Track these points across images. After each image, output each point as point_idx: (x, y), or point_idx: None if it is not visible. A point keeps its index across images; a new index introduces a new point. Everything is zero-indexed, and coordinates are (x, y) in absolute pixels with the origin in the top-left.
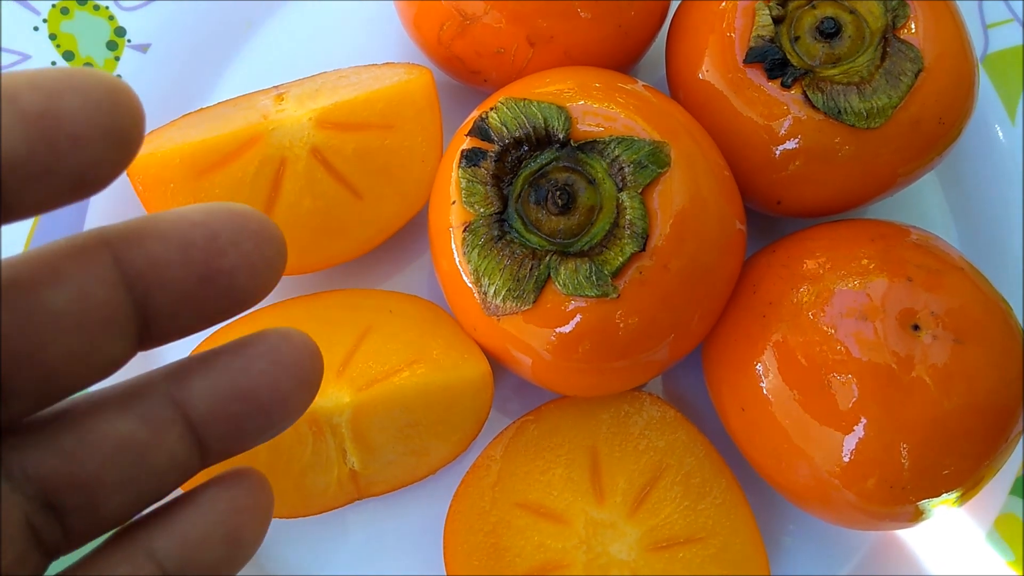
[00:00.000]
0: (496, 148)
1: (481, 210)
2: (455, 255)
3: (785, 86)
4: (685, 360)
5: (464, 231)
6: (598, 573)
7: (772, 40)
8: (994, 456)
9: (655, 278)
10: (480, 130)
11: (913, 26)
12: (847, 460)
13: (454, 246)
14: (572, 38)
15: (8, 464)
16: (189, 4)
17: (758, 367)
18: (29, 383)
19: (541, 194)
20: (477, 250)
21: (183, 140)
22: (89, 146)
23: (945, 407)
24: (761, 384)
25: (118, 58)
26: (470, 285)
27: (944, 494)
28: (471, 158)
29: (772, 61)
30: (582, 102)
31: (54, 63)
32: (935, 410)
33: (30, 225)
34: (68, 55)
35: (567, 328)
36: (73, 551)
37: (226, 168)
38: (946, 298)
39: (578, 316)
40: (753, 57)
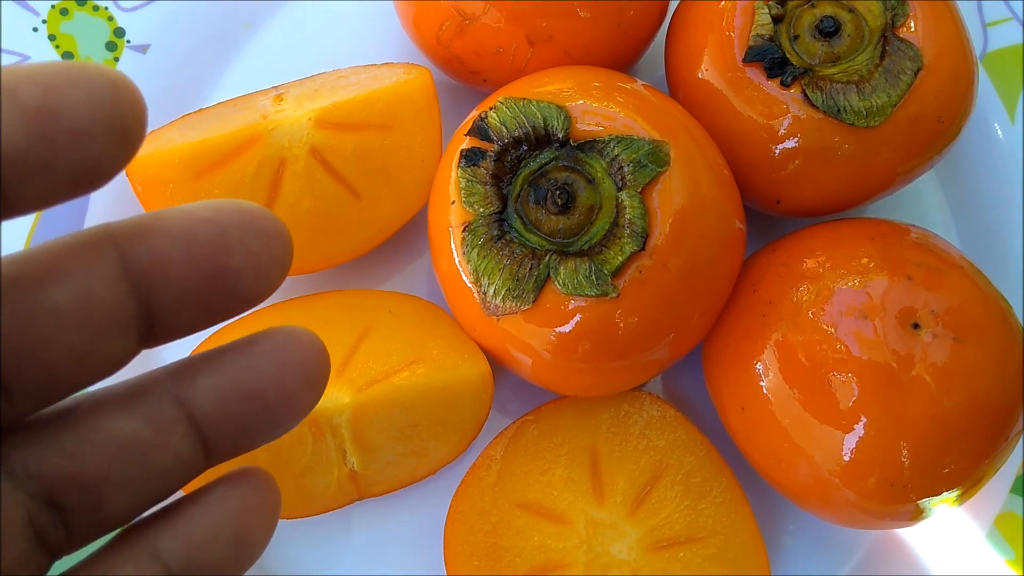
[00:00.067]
0: (495, 148)
1: (480, 210)
2: (454, 255)
3: (784, 85)
4: (685, 360)
5: (463, 231)
6: (598, 573)
7: (771, 39)
8: (994, 455)
9: (655, 277)
10: (479, 130)
11: (912, 25)
12: (847, 459)
13: (453, 246)
14: (571, 37)
15: (10, 462)
16: (188, 5)
17: (758, 366)
18: (31, 381)
19: (541, 193)
20: (476, 250)
21: (182, 140)
22: (90, 141)
23: (945, 406)
24: (761, 383)
25: (117, 59)
26: (470, 285)
27: (944, 493)
28: (470, 158)
29: (771, 60)
30: (581, 101)
31: None
32: (935, 409)
33: (30, 224)
34: (67, 56)
35: (567, 328)
36: (76, 551)
37: (225, 168)
38: (946, 297)
39: (578, 316)
40: (752, 56)
